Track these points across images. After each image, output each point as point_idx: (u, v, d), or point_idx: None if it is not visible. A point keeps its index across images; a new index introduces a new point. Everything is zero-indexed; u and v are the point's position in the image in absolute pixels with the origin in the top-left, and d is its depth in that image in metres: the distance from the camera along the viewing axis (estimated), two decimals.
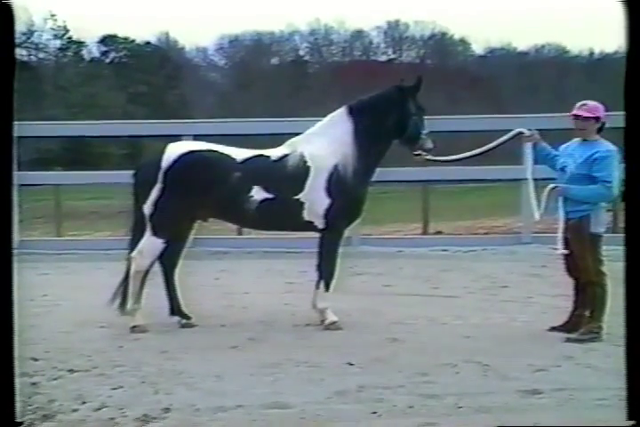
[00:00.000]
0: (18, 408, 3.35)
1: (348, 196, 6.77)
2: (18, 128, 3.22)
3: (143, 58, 48.09)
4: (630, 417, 3.18)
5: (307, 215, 6.77)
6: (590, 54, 53.20)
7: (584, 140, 6.38)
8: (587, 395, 4.91)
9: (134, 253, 6.75)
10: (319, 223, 6.81)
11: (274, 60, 55.70)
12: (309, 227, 6.88)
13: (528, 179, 6.68)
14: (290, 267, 9.93)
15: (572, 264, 6.41)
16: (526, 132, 6.68)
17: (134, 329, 6.70)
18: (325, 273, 6.86)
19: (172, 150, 6.71)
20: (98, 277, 8.98)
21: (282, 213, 6.76)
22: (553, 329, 6.54)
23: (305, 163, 6.75)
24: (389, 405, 4.74)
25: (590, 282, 6.30)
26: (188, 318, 6.97)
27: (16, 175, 3.26)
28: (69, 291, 8.58)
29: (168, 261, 6.93)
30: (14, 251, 3.26)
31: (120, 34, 48.77)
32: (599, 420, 4.45)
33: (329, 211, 6.75)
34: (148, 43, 50.64)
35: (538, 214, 6.46)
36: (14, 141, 3.28)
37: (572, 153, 6.40)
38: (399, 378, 5.26)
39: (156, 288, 6.99)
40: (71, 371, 5.52)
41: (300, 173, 6.72)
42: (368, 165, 6.87)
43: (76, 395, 4.94)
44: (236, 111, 31.04)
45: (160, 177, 6.58)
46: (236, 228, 11.37)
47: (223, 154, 6.75)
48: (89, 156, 32.83)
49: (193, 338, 6.52)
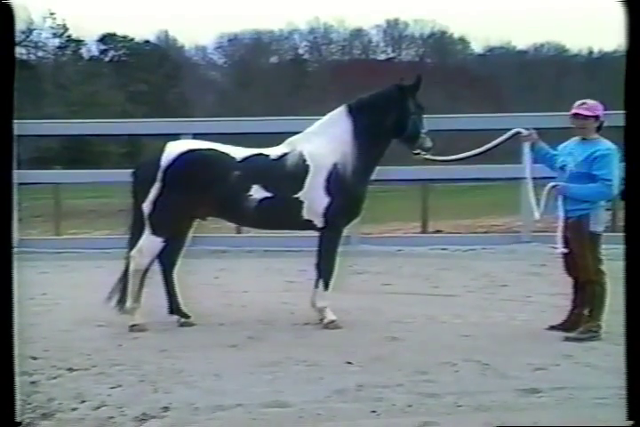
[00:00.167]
0: (17, 407, 3.35)
1: (347, 194, 6.76)
2: (17, 127, 3.21)
3: (142, 56, 48.11)
4: (630, 417, 3.18)
5: (306, 214, 6.77)
6: (589, 53, 53.35)
7: (583, 139, 6.38)
8: (586, 394, 4.91)
9: (133, 252, 6.74)
10: (318, 222, 6.81)
11: (273, 59, 55.73)
12: (309, 225, 6.88)
13: (527, 178, 6.68)
14: (289, 266, 9.93)
15: (571, 263, 6.42)
16: (524, 131, 6.68)
17: (133, 328, 6.70)
18: (324, 272, 6.86)
19: (172, 149, 6.71)
20: (97, 275, 8.96)
21: (281, 212, 6.76)
22: (552, 328, 6.54)
23: (304, 161, 6.75)
24: (388, 404, 4.73)
25: (589, 281, 6.30)
26: (187, 317, 6.98)
27: (15, 174, 3.24)
28: (69, 289, 8.58)
29: (167, 259, 6.93)
30: (13, 249, 3.25)
31: (119, 32, 48.89)
32: (598, 419, 4.45)
33: (328, 209, 6.74)
34: (147, 41, 50.68)
35: (537, 213, 6.46)
36: (14, 140, 3.27)
37: (571, 152, 6.40)
38: (398, 377, 5.26)
39: (155, 287, 6.99)
40: (70, 370, 5.52)
41: (300, 171, 6.72)
42: (367, 163, 6.87)
43: (76, 394, 4.95)
44: (236, 110, 31.07)
45: (159, 176, 6.58)
46: (236, 226, 11.34)
47: (222, 153, 6.75)
48: (88, 154, 32.86)
49: (192, 337, 6.52)
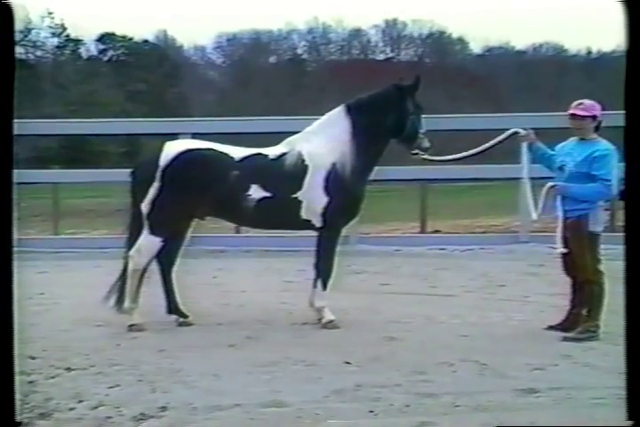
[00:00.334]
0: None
1: (345, 194, 6.76)
2: (16, 126, 3.21)
3: (141, 56, 48.13)
4: (630, 417, 3.18)
5: (304, 214, 6.77)
6: (588, 53, 53.42)
7: (582, 139, 6.38)
8: (584, 394, 4.91)
9: (132, 252, 6.74)
10: (317, 222, 6.81)
11: (272, 59, 55.77)
12: (307, 225, 6.88)
13: (524, 178, 6.68)
14: (287, 265, 9.92)
15: (569, 263, 6.42)
16: (522, 131, 6.68)
17: (132, 328, 6.70)
18: (323, 272, 6.86)
19: (170, 149, 6.70)
20: (95, 275, 8.95)
21: (280, 212, 6.75)
22: (550, 328, 6.54)
23: (303, 161, 6.75)
24: (386, 403, 4.73)
25: (588, 281, 6.30)
26: (185, 317, 6.97)
27: (14, 173, 3.25)
28: (67, 289, 8.57)
29: (165, 259, 6.93)
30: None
31: (118, 32, 48.94)
32: (596, 419, 4.45)
33: (327, 209, 6.74)
34: (146, 41, 50.72)
35: (535, 214, 6.46)
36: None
37: (570, 152, 6.40)
38: (396, 377, 5.26)
39: (153, 287, 6.98)
40: (68, 369, 5.51)
41: (298, 171, 6.72)
42: (366, 163, 6.87)
43: (74, 393, 4.94)
44: (235, 109, 31.07)
45: (158, 175, 6.57)
46: (234, 226, 11.35)
47: (221, 152, 6.74)
48: (87, 154, 32.86)
49: (190, 337, 6.52)
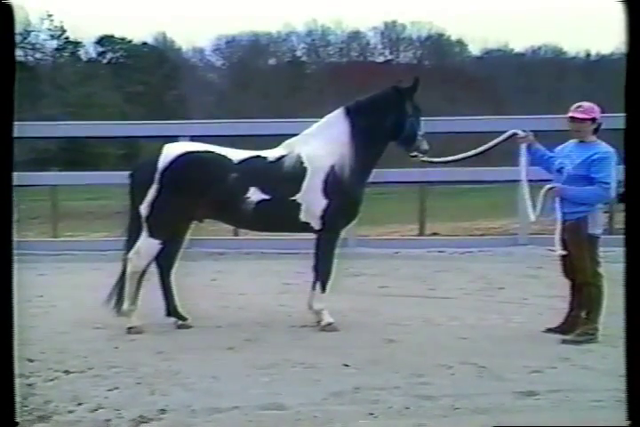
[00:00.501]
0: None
1: (344, 197, 6.76)
2: (15, 128, 3.21)
3: (140, 58, 48.17)
4: (630, 418, 3.18)
5: (303, 216, 6.77)
6: (587, 56, 53.44)
7: (581, 142, 6.38)
8: (582, 396, 4.91)
9: (131, 254, 6.74)
10: (316, 224, 6.81)
11: (271, 61, 55.79)
12: (306, 228, 6.87)
13: (523, 180, 6.68)
14: (286, 268, 9.91)
15: (568, 265, 6.42)
16: (521, 133, 6.68)
17: (130, 330, 6.69)
18: (322, 274, 6.86)
19: (169, 151, 6.70)
20: (94, 277, 8.95)
21: (278, 214, 6.75)
22: (549, 330, 6.54)
23: (302, 164, 6.75)
24: (385, 406, 4.74)
25: (586, 283, 6.31)
26: (184, 319, 6.97)
27: (13, 175, 3.26)
28: (66, 292, 8.55)
29: (164, 261, 6.92)
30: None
31: (117, 34, 49.02)
32: (595, 421, 4.45)
33: (326, 212, 6.74)
34: (144, 43, 50.75)
35: (533, 216, 6.45)
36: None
37: (569, 154, 6.40)
38: (395, 379, 5.26)
39: (152, 289, 6.98)
40: (67, 372, 5.51)
41: (297, 173, 6.72)
42: (365, 165, 6.87)
43: (72, 396, 4.94)
44: (234, 112, 31.07)
45: (157, 178, 6.57)
46: (233, 229, 11.35)
47: (220, 155, 6.74)
48: (86, 156, 32.86)
49: (189, 339, 6.51)
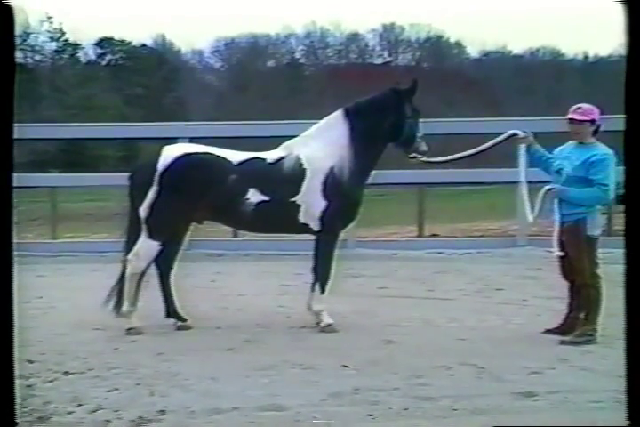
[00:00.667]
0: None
1: (343, 198, 6.77)
2: (14, 130, 3.22)
3: (139, 60, 48.16)
4: (630, 418, 3.19)
5: (303, 218, 6.77)
6: (585, 57, 53.44)
7: (580, 144, 6.39)
8: (581, 397, 4.91)
9: (130, 256, 6.74)
10: (315, 226, 6.81)
11: (270, 63, 55.78)
12: (305, 229, 6.88)
13: (522, 180, 6.69)
14: (285, 269, 9.91)
15: (567, 267, 6.42)
16: (520, 134, 6.68)
17: (130, 331, 6.70)
18: (321, 275, 6.86)
19: (168, 153, 6.71)
20: (94, 279, 8.97)
21: (278, 216, 6.76)
22: (548, 331, 6.54)
23: (301, 165, 6.76)
24: (384, 407, 4.74)
25: (585, 284, 6.31)
26: (183, 321, 6.97)
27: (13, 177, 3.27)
28: (65, 293, 8.56)
29: (164, 263, 6.93)
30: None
31: (116, 36, 48.94)
32: (594, 422, 4.45)
33: (325, 213, 6.75)
34: (144, 45, 50.74)
35: (532, 217, 6.46)
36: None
37: (568, 156, 6.41)
38: (394, 380, 5.27)
39: (151, 290, 6.98)
40: (67, 373, 5.52)
41: (296, 175, 6.73)
42: (364, 167, 6.88)
43: (72, 397, 4.94)
44: (233, 113, 31.04)
45: (156, 179, 6.58)
46: (232, 230, 11.35)
47: (219, 156, 6.75)
48: (85, 158, 32.86)
49: (188, 340, 6.52)
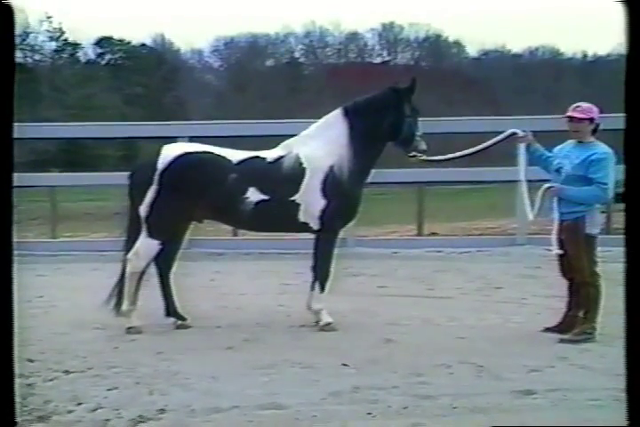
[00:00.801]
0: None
1: (343, 197, 6.78)
2: (14, 129, 3.22)
3: (139, 59, 48.16)
4: (629, 418, 3.19)
5: (302, 217, 6.78)
6: (584, 57, 53.45)
7: (579, 142, 6.39)
8: (580, 395, 4.92)
9: (130, 255, 6.75)
10: (314, 224, 6.82)
11: (269, 62, 55.76)
12: (305, 228, 6.89)
13: (521, 179, 6.70)
14: (285, 268, 9.92)
15: (566, 265, 6.43)
16: (520, 132, 6.69)
17: (130, 330, 6.71)
18: (320, 274, 6.87)
19: (168, 152, 6.72)
20: (93, 278, 8.98)
21: (277, 215, 6.77)
22: (547, 330, 6.55)
23: (300, 164, 6.77)
24: (384, 405, 4.75)
25: (584, 283, 6.32)
26: (183, 320, 6.98)
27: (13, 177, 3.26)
28: (65, 292, 8.57)
29: (163, 262, 6.94)
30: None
31: (116, 36, 48.95)
32: (593, 420, 4.46)
33: (324, 212, 6.75)
34: (143, 44, 50.74)
35: (531, 215, 6.47)
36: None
37: (567, 154, 6.41)
38: (394, 379, 5.28)
39: (151, 289, 6.99)
40: (66, 372, 5.52)
41: (296, 174, 6.73)
42: (363, 166, 6.89)
43: (72, 396, 4.95)
44: (232, 113, 31.05)
45: (156, 179, 6.59)
46: (232, 229, 11.36)
47: (219, 155, 6.76)
48: (85, 157, 32.84)
49: (188, 339, 6.52)
